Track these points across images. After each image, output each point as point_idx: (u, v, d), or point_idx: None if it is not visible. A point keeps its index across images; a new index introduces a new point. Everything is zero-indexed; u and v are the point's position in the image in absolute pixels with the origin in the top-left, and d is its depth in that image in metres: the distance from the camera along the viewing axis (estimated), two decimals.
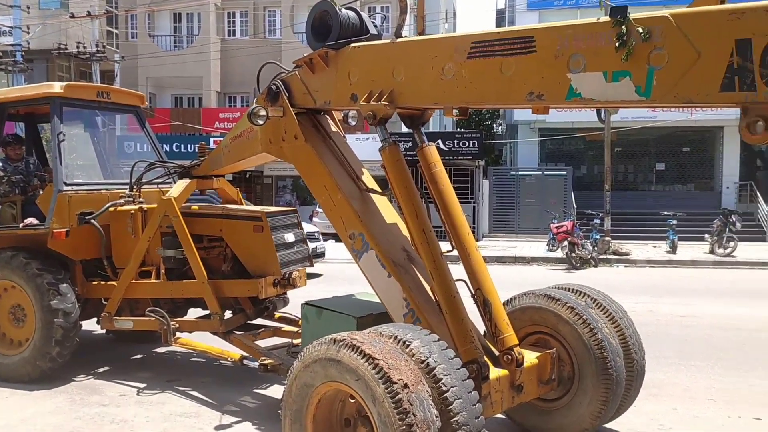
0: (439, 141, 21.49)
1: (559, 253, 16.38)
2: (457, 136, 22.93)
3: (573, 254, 15.60)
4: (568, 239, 15.71)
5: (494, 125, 40.93)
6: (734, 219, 17.26)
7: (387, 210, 4.66)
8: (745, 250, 17.47)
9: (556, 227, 16.50)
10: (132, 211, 6.08)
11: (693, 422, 4.94)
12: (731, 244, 16.94)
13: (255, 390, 5.72)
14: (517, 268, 15.75)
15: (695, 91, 2.88)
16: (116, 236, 6.14)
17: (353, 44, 4.22)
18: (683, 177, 27.99)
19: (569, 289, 4.70)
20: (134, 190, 6.29)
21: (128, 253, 5.96)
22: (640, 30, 2.95)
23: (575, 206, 22.11)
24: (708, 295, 11.41)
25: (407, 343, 3.39)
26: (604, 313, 4.48)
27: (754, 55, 2.67)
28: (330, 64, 4.34)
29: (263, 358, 5.15)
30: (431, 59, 3.80)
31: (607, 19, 3.08)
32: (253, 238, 5.60)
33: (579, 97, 3.22)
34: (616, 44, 3.01)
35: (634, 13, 3.04)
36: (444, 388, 3.22)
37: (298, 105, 4.62)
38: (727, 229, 17.06)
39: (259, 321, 6.10)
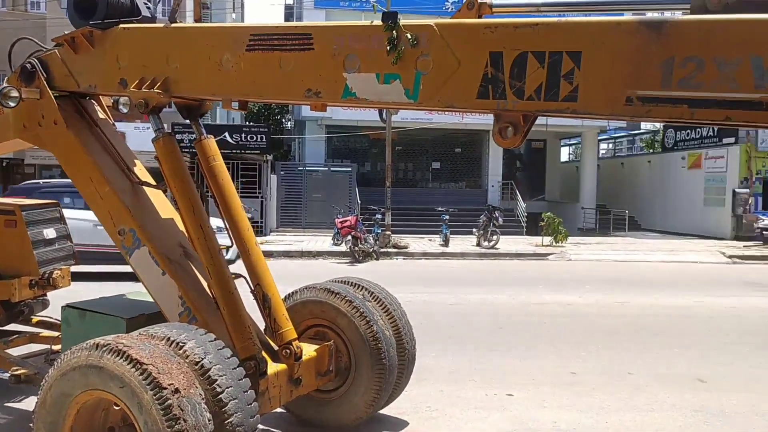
0: (226, 134, 21.00)
1: (344, 247, 16.89)
2: (245, 129, 22.53)
3: (356, 248, 16.18)
4: (352, 233, 16.25)
5: (283, 120, 40.95)
6: (497, 215, 19.15)
7: (162, 204, 4.40)
8: (506, 243, 19.48)
9: (341, 222, 16.99)
10: None
11: (456, 401, 5.37)
12: (494, 237, 18.78)
13: (6, 404, 5.09)
14: (303, 262, 15.95)
15: (456, 97, 3.10)
16: None
17: (122, 26, 3.92)
18: (456, 175, 30.46)
19: (348, 282, 4.85)
20: None
21: None
22: (409, 36, 3.11)
23: (359, 202, 22.96)
24: (474, 284, 12.53)
25: (181, 344, 3.24)
26: (379, 305, 4.68)
27: (505, 66, 2.94)
28: (96, 45, 3.98)
29: (15, 367, 4.60)
30: (209, 48, 3.66)
31: (380, 23, 3.20)
32: (4, 233, 4.98)
33: (354, 97, 3.31)
34: (388, 48, 3.14)
35: (405, 20, 3.20)
36: (219, 390, 3.13)
37: (58, 87, 4.17)
38: (492, 224, 18.88)
39: (14, 326, 5.44)
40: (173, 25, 3.83)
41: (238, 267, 4.08)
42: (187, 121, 4.18)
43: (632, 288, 12.23)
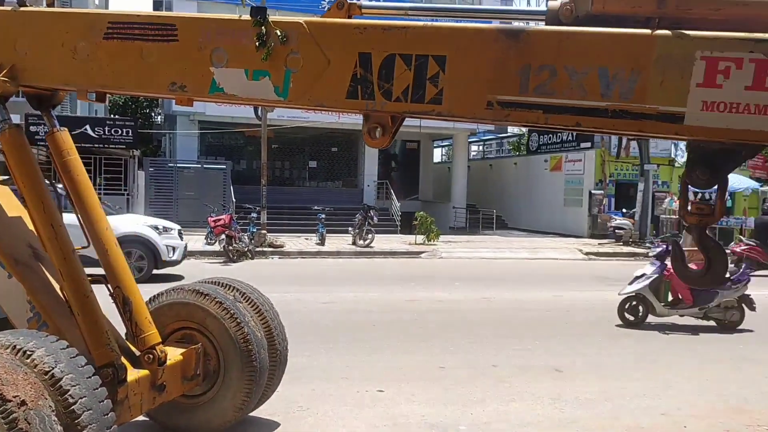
0: (87, 127, 19.75)
1: (217, 247, 16.42)
2: (108, 122, 21.28)
3: (230, 247, 15.79)
4: (226, 232, 15.84)
5: (153, 114, 39.16)
6: (372, 214, 19.43)
7: (9, 202, 4.07)
8: (381, 241, 19.80)
9: (214, 221, 16.50)
10: None
11: (328, 399, 5.38)
12: (370, 236, 19.04)
13: None
14: None
15: (326, 96, 3.09)
16: None
17: None
18: (333, 174, 30.52)
19: (218, 283, 4.71)
20: None
21: None
22: (279, 33, 3.06)
23: (234, 200, 22.41)
24: (349, 283, 12.62)
25: (28, 352, 2.99)
26: (251, 306, 4.58)
27: (373, 67, 2.97)
28: None
29: None
30: (62, 34, 3.41)
31: (249, 18, 3.14)
32: None
33: (222, 92, 3.22)
34: (257, 44, 3.08)
35: (275, 17, 3.15)
36: (71, 401, 2.93)
37: None
38: (367, 223, 19.12)
39: None
40: (22, 8, 3.54)
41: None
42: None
43: (498, 284, 12.84)
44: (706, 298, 8.60)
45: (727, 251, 13.78)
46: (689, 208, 2.87)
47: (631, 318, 8.88)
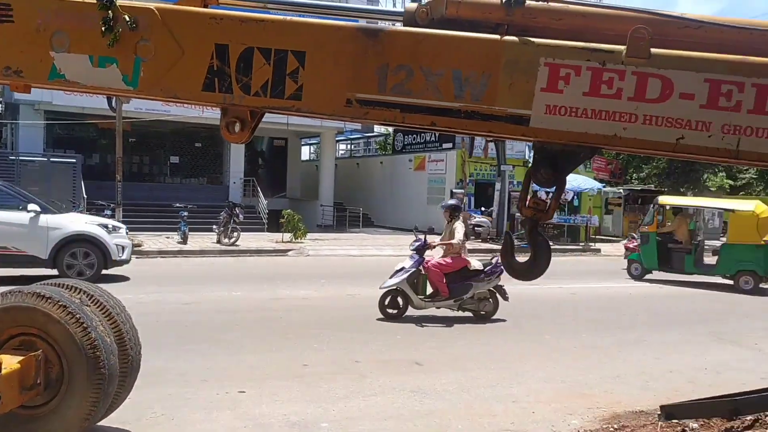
0: None
1: None
2: None
3: None
4: None
5: None
6: (238, 211, 18.98)
7: None
8: (247, 240, 19.39)
9: None
10: None
11: (185, 403, 5.18)
12: (235, 234, 18.59)
13: None
14: None
15: (180, 87, 2.97)
16: None
17: None
18: (196, 171, 29.49)
19: (63, 285, 4.38)
20: None
21: None
22: (127, 18, 2.89)
23: (85, 196, 20.97)
24: (212, 282, 12.25)
25: None
26: (100, 310, 4.30)
27: (231, 60, 2.89)
28: None
29: None
30: None
31: (95, 0, 2.93)
32: None
33: (63, 79, 2.99)
34: (103, 28, 2.89)
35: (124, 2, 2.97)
36: None
37: None
38: (232, 221, 18.65)
39: None
40: None
41: None
42: None
43: (363, 281, 12.94)
44: (461, 290, 8.81)
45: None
46: (527, 203, 3.05)
47: (392, 311, 8.92)
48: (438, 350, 7.38)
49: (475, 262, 9.07)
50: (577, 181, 24.01)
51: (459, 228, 9.08)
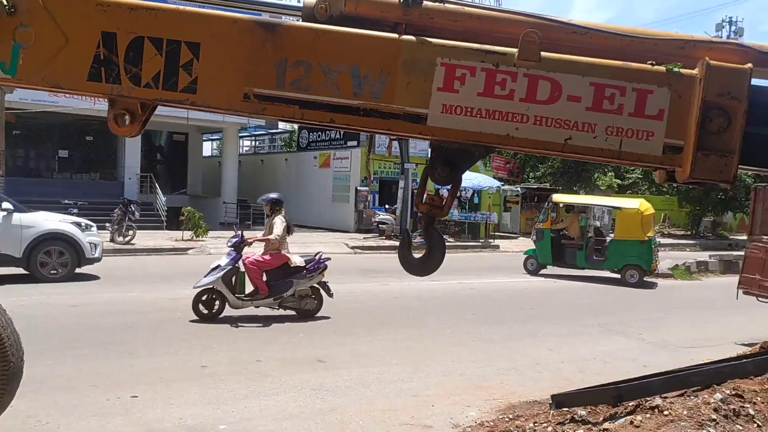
0: None
1: None
2: None
3: None
4: None
5: None
6: (133, 208, 18.18)
7: None
8: (144, 238, 18.62)
9: None
10: None
11: (72, 411, 4.91)
12: (131, 232, 17.80)
13: None
14: None
15: (64, 77, 2.80)
16: None
17: None
18: (88, 166, 28.05)
19: None
20: None
21: None
22: (5, 2, 2.70)
23: None
24: (104, 283, 11.68)
25: None
26: None
27: (119, 49, 2.75)
28: None
29: None
30: None
31: None
32: None
33: None
34: None
35: None
36: None
37: None
38: (127, 218, 17.85)
39: None
40: None
41: None
42: None
43: None
44: (281, 288, 8.58)
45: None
46: (424, 199, 3.11)
47: (206, 311, 8.46)
48: (340, 347, 7.38)
49: (297, 259, 8.80)
50: (477, 179, 24.73)
51: (278, 223, 8.79)
